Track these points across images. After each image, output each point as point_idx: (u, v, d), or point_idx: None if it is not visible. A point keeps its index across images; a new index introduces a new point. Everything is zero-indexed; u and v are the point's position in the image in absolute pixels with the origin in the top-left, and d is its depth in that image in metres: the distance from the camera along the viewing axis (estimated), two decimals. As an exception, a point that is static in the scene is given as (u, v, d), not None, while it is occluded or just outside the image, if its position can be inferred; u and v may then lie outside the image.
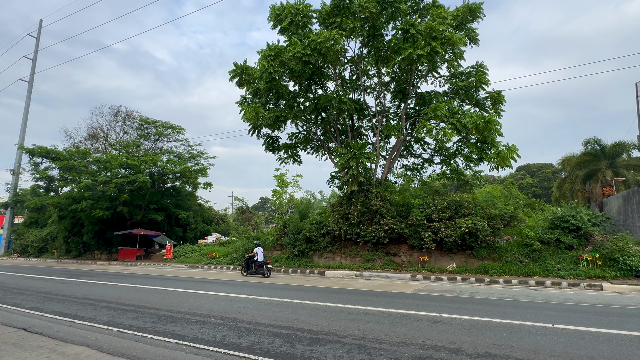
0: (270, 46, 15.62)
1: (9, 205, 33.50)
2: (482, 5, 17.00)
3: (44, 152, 28.26)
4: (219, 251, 22.21)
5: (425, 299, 8.96)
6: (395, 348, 4.80)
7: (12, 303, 8.53)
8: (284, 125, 18.52)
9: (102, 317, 6.83)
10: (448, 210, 14.99)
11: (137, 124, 31.89)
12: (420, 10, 17.89)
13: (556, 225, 13.91)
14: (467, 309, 7.56)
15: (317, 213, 20.87)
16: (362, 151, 15.69)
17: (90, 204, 24.39)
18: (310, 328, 5.87)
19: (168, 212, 29.66)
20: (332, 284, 12.34)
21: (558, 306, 8.07)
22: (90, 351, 4.79)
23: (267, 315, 6.89)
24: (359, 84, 18.33)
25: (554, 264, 12.86)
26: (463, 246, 14.48)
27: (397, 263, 15.59)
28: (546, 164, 65.87)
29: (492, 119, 14.96)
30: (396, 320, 6.44)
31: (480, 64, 17.10)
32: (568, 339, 5.27)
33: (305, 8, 16.16)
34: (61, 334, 5.68)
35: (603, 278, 11.79)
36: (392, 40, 16.10)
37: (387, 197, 16.49)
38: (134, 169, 26.36)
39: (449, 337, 5.30)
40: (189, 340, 5.22)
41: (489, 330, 5.77)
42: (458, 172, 18.15)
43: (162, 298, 9.10)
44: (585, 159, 28.70)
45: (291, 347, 4.83)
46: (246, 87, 17.66)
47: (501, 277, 12.70)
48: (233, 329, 5.87)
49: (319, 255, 17.38)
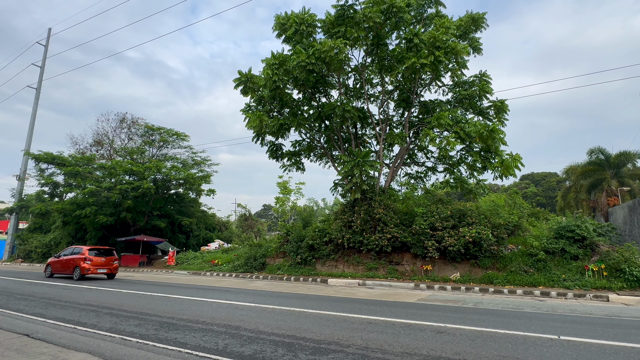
0: (275, 55, 15.78)
1: (14, 210, 33.71)
2: (485, 16, 17.15)
3: (49, 158, 28.55)
4: (221, 258, 22.17)
5: (429, 309, 8.87)
6: (399, 359, 4.75)
7: (15, 309, 8.55)
8: (288, 133, 18.62)
9: (105, 324, 6.82)
10: (452, 219, 14.92)
11: (142, 131, 32.18)
12: (423, 20, 18.05)
13: (561, 235, 13.79)
14: (472, 319, 7.48)
15: (320, 221, 20.83)
16: (366, 159, 15.70)
17: (94, 210, 24.51)
18: (313, 337, 5.83)
19: (171, 218, 29.71)
20: (335, 292, 12.26)
21: (564, 317, 7.96)
22: (92, 358, 4.77)
23: (270, 324, 6.85)
24: (363, 92, 18.43)
25: (559, 274, 12.72)
26: (467, 255, 14.37)
27: (400, 272, 15.48)
28: (550, 173, 65.53)
29: (496, 127, 14.96)
30: (400, 330, 6.38)
31: (484, 73, 17.16)
32: (575, 351, 5.20)
33: (309, 18, 16.34)
34: (64, 340, 5.68)
35: (609, 289, 11.64)
36: (395, 49, 16.22)
37: (390, 205, 16.45)
38: (138, 175, 26.51)
39: (453, 348, 5.24)
40: (191, 348, 5.19)
41: (493, 341, 5.70)
42: (462, 180, 18.09)
43: (165, 305, 9.08)
44: (590, 168, 28.53)
45: (294, 357, 4.80)
46: (251, 95, 17.80)
47: (505, 287, 12.57)
48: (235, 337, 5.84)
49: (321, 263, 17.30)
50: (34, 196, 34.52)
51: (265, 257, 19.66)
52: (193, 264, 22.79)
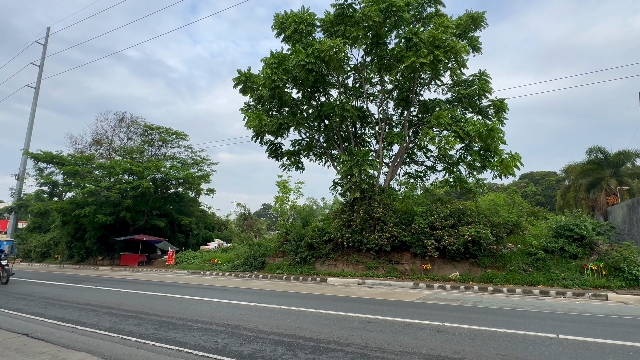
0: (274, 54, 15.76)
1: (13, 210, 33.64)
2: (484, 15, 17.13)
3: (48, 158, 28.47)
4: (221, 257, 22.16)
5: (428, 308, 8.88)
6: (398, 358, 4.76)
7: (14, 308, 8.54)
8: (287, 132, 18.60)
9: (104, 323, 6.82)
10: (451, 218, 14.93)
11: (142, 130, 32.11)
12: (423, 19, 18.03)
13: (560, 234, 13.80)
14: (471, 318, 7.49)
15: (320, 220, 20.82)
16: (365, 158, 15.70)
17: (93, 210, 24.46)
18: (313, 336, 5.83)
19: (171, 218, 29.68)
20: (335, 291, 12.27)
21: (563, 316, 7.98)
22: (92, 358, 4.77)
23: (269, 323, 6.85)
24: (362, 91, 18.42)
25: (558, 273, 12.74)
26: (466, 254, 14.39)
27: (399, 271, 15.49)
28: (550, 172, 65.63)
29: (495, 127, 14.96)
30: (399, 329, 6.38)
31: (483, 72, 17.16)
32: (574, 350, 5.21)
33: (309, 17, 16.32)
34: (63, 340, 5.68)
35: (608, 288, 11.66)
36: (395, 48, 16.21)
37: (389, 204, 16.45)
38: (138, 174, 26.46)
39: (453, 347, 5.25)
40: (190, 347, 5.20)
41: (493, 340, 5.71)
42: (461, 179, 18.10)
43: (164, 304, 9.08)
44: (589, 167, 28.56)
45: (293, 356, 4.80)
46: (250, 94, 17.78)
47: (505, 286, 12.59)
48: (235, 336, 5.84)
49: (321, 263, 17.31)
50: (33, 195, 34.47)
51: (265, 257, 19.66)
52: (192, 263, 22.78)
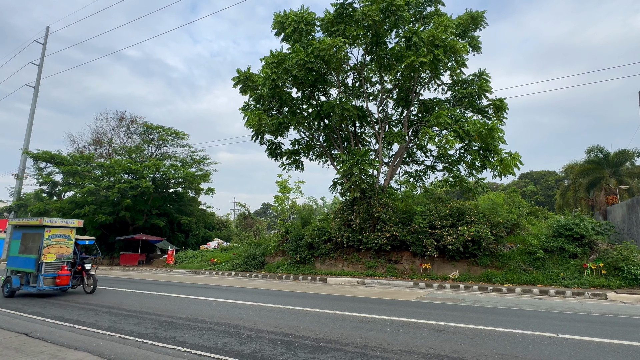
0: (274, 53, 15.74)
1: (12, 209, 33.58)
2: (484, 14, 17.12)
3: (48, 157, 28.43)
4: (220, 257, 22.16)
5: (428, 307, 8.89)
6: (398, 357, 4.76)
7: (14, 308, 8.53)
8: (287, 132, 18.58)
9: (104, 323, 6.81)
10: (451, 217, 14.93)
11: (141, 130, 32.06)
12: (423, 18, 18.01)
13: (560, 234, 13.81)
14: (470, 318, 7.49)
15: (319, 219, 20.82)
16: (365, 158, 15.69)
17: (93, 209, 24.45)
18: (312, 336, 5.83)
19: (170, 217, 29.67)
20: (334, 291, 12.27)
21: (562, 315, 7.98)
22: (91, 357, 4.77)
23: (269, 322, 6.85)
24: (362, 91, 18.41)
25: (558, 272, 12.75)
26: (466, 254, 14.39)
27: (399, 270, 15.50)
28: (549, 172, 65.63)
29: (495, 126, 14.96)
30: (399, 329, 6.39)
31: (483, 72, 17.15)
32: (573, 349, 5.21)
33: (308, 16, 16.30)
34: (62, 339, 5.67)
35: (608, 287, 11.68)
36: (394, 47, 16.19)
37: (389, 204, 16.45)
38: (137, 174, 26.44)
39: (452, 346, 5.25)
40: (190, 346, 5.19)
41: (492, 339, 5.71)
42: (461, 179, 18.10)
43: (164, 304, 9.08)
44: (588, 166, 28.56)
45: (293, 355, 4.80)
46: (250, 93, 17.77)
47: (504, 285, 12.60)
48: (235, 335, 5.84)
49: (320, 262, 17.31)
50: (32, 195, 34.41)
51: (265, 256, 19.66)
52: (192, 262, 22.78)
